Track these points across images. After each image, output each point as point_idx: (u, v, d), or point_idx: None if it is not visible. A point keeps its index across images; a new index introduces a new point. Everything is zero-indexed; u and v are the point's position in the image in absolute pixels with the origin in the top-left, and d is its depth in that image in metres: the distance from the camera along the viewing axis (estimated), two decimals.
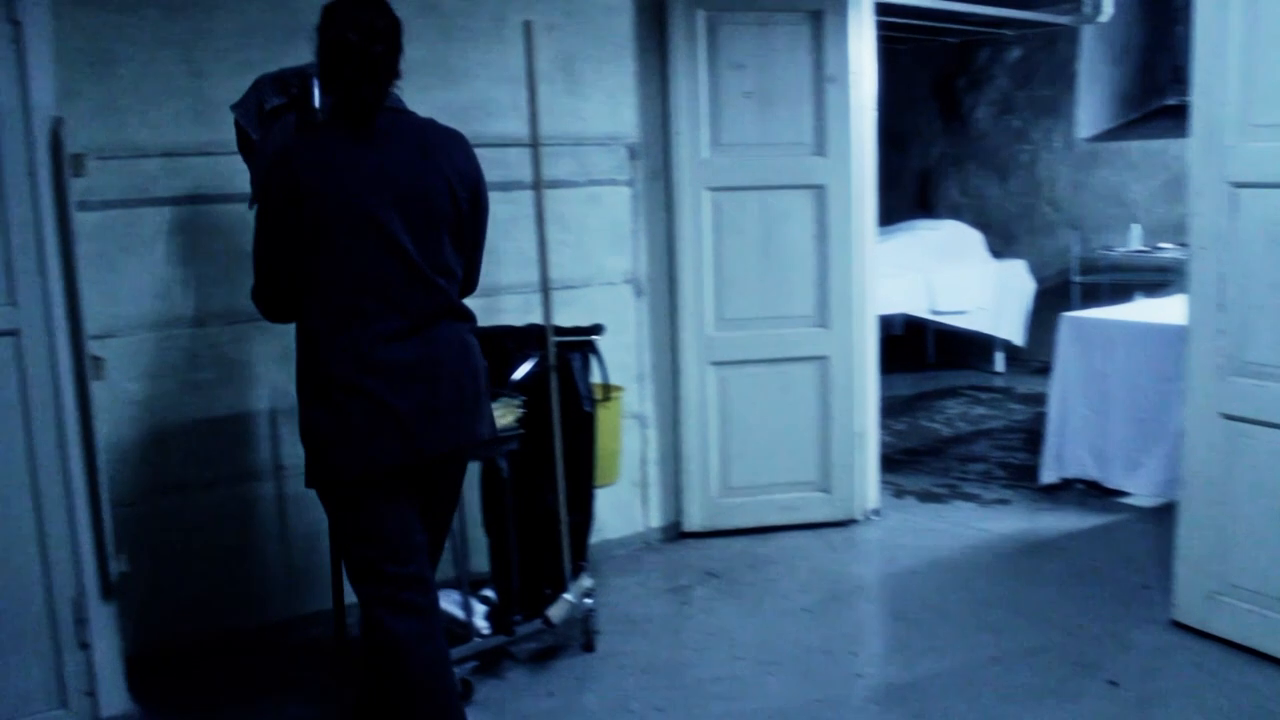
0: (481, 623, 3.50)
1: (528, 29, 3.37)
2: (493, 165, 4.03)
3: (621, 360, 4.55)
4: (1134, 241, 7.46)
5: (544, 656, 3.69)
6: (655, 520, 4.77)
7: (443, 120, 3.68)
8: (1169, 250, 7.21)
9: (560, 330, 3.65)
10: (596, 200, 4.41)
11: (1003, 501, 5.25)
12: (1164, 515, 4.86)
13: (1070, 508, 5.11)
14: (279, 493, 3.80)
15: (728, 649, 3.74)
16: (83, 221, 3.23)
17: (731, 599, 4.16)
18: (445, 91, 3.97)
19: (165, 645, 3.53)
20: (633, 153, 4.49)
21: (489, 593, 3.71)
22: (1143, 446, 5.14)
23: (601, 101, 4.36)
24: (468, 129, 3.97)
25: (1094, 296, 7.63)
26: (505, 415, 3.30)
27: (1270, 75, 3.39)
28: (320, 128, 2.76)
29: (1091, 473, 5.33)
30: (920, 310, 7.47)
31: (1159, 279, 7.37)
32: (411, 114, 2.72)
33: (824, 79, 4.58)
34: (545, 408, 3.52)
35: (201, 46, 3.10)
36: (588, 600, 3.70)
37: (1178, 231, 7.37)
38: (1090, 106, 7.91)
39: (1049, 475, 5.37)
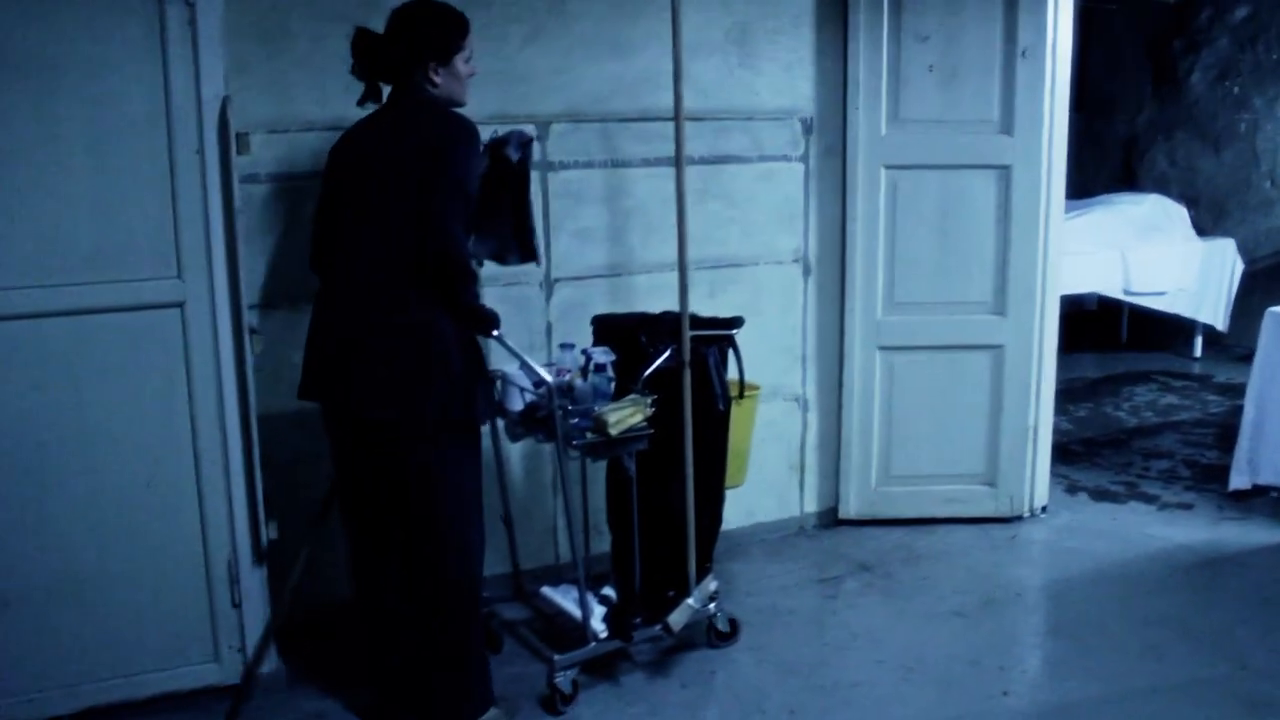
0: (599, 625, 3.43)
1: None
2: (659, 140, 4.00)
3: (786, 342, 4.45)
4: None
5: (671, 651, 3.63)
6: (811, 505, 4.67)
7: (610, 92, 3.58)
8: None
9: (697, 322, 3.50)
10: (768, 177, 4.28)
11: (1184, 506, 4.93)
12: None
13: (1259, 519, 4.76)
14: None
15: (871, 651, 3.64)
16: (250, 195, 3.31)
17: (882, 595, 4.05)
18: (614, 63, 3.89)
19: (312, 610, 3.62)
20: (807, 128, 4.33)
21: (609, 591, 3.63)
22: None
23: (776, 74, 4.21)
24: (637, 102, 3.97)
25: None
26: (635, 413, 3.24)
27: None
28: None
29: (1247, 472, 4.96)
30: (1114, 290, 7.06)
31: None
32: (422, 104, 2.96)
33: (1015, 52, 4.31)
34: (677, 404, 3.38)
35: (371, 21, 3.09)
36: (711, 605, 3.61)
37: None
38: None
39: (1239, 480, 5.00)
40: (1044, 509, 4.80)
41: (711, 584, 3.61)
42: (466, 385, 2.92)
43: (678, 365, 3.37)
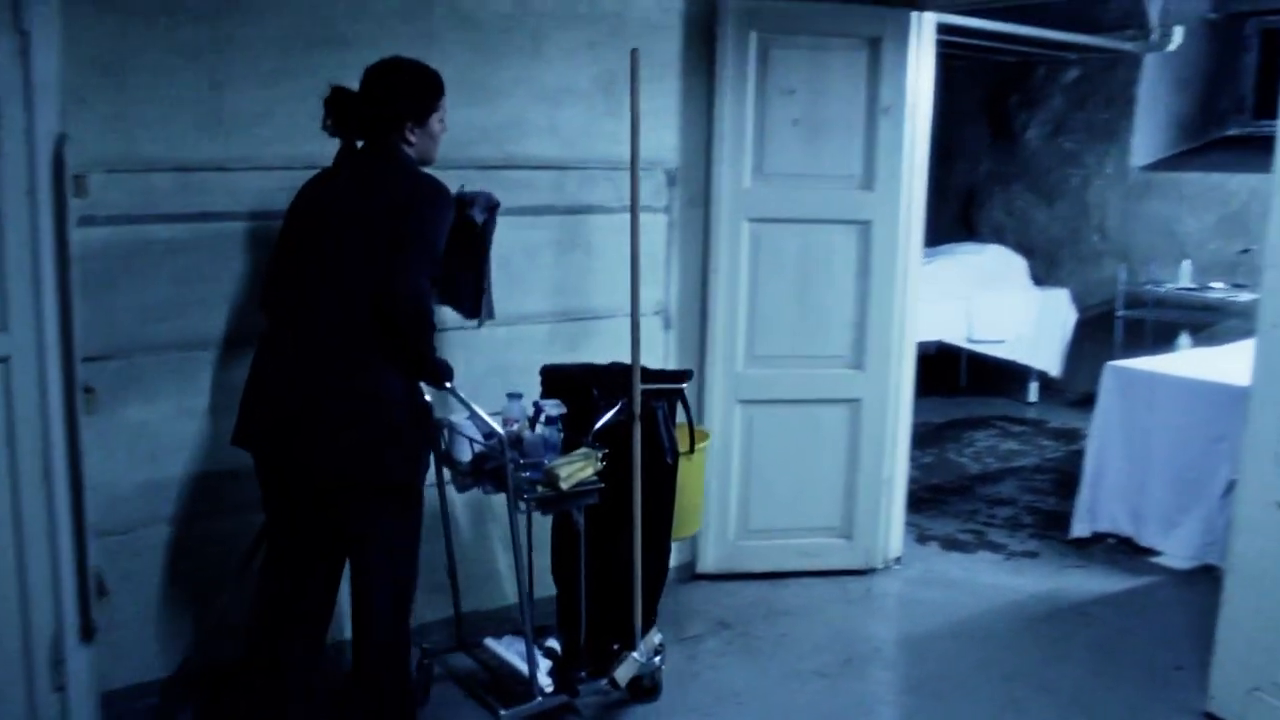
0: (545, 679, 3.39)
1: (634, 57, 3.25)
2: (523, 188, 3.89)
3: None
4: (1183, 278, 7.20)
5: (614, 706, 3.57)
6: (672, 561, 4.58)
7: (473, 139, 3.44)
8: (1220, 290, 6.95)
9: (647, 375, 3.51)
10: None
11: (1030, 554, 5.05)
12: (1198, 580, 4.72)
13: (1100, 565, 4.91)
14: None
15: (736, 714, 3.58)
16: (86, 238, 3.05)
17: (743, 654, 3.99)
18: (475, 109, 3.76)
19: (147, 679, 3.37)
20: (671, 179, 4.29)
21: (553, 643, 3.61)
22: (1182, 506, 4.93)
23: (643, 124, 4.14)
24: (501, 149, 3.84)
25: (1138, 333, 7.40)
26: (586, 467, 3.25)
27: None
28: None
29: (1125, 529, 5.13)
30: (957, 338, 7.25)
31: (1207, 319, 7.13)
32: (393, 162, 2.97)
33: (878, 109, 4.35)
34: (624, 457, 3.38)
35: (221, 56, 2.91)
36: (657, 658, 3.57)
37: (1230, 270, 7.13)
38: (1147, 133, 7.64)
39: (1080, 528, 5.16)
40: (898, 560, 4.84)
41: (656, 636, 3.57)
42: (415, 448, 2.98)
43: (628, 419, 3.38)
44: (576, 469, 3.21)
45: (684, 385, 3.65)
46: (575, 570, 3.45)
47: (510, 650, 3.59)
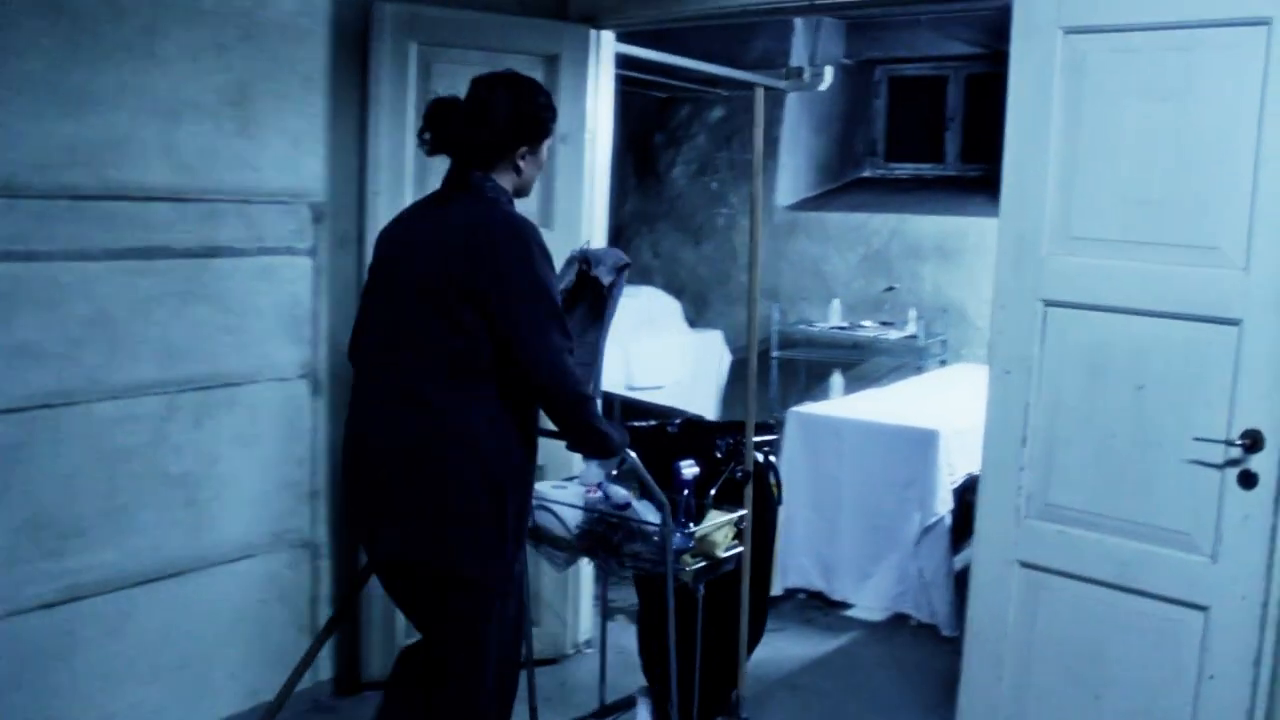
0: None
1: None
2: (128, 225, 3.04)
3: (290, 476, 3.61)
4: (834, 317, 7.18)
5: None
6: (327, 671, 3.81)
7: (61, 161, 2.73)
8: (870, 328, 6.98)
9: (723, 427, 3.55)
10: (269, 274, 3.44)
11: None
12: (896, 632, 4.58)
13: (796, 625, 4.66)
14: None
15: None
16: None
17: None
18: (65, 122, 2.89)
19: None
20: (318, 215, 3.55)
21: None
22: (874, 556, 4.74)
23: (282, 148, 3.40)
24: (97, 177, 2.97)
25: (792, 373, 7.32)
26: (730, 530, 3.13)
27: (1093, 183, 2.94)
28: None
29: (816, 583, 4.88)
30: (618, 386, 6.84)
31: (858, 357, 7.15)
32: (480, 202, 2.58)
33: (555, 135, 3.83)
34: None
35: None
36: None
37: (875, 308, 7.18)
38: (791, 173, 7.62)
39: (772, 587, 4.84)
40: (588, 643, 4.30)
41: None
42: (495, 535, 2.52)
43: (744, 476, 3.29)
44: (723, 534, 3.07)
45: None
46: (689, 645, 3.23)
47: None
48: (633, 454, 2.79)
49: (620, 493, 3.02)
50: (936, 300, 6.89)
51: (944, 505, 4.54)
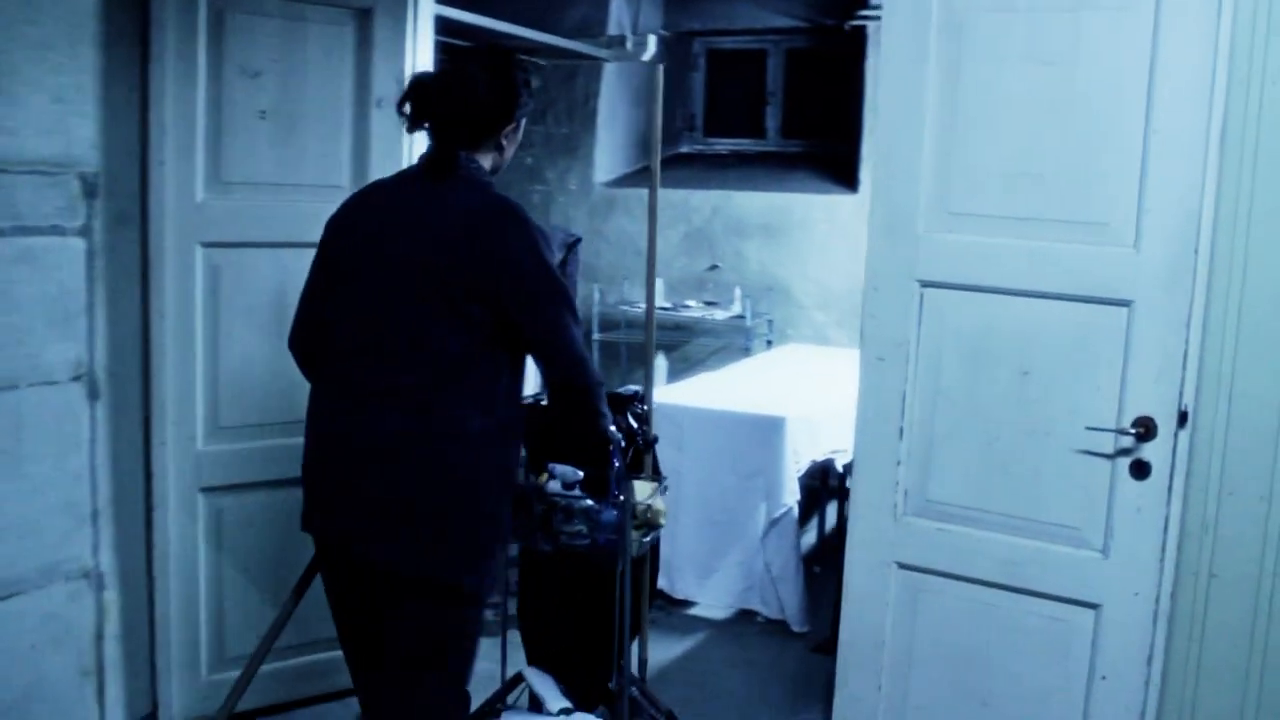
0: None
1: None
2: None
3: (65, 496, 3.07)
4: (658, 297, 6.92)
5: None
6: (118, 718, 3.30)
7: None
8: (694, 309, 6.75)
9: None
10: (30, 258, 2.88)
11: None
12: (742, 630, 4.41)
13: None
14: None
15: None
16: None
17: None
18: None
19: None
20: (90, 188, 3.01)
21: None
22: (716, 551, 4.53)
23: (42, 105, 2.84)
24: None
25: (613, 355, 7.04)
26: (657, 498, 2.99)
27: (973, 154, 2.72)
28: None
29: (658, 582, 4.60)
30: None
31: (681, 338, 6.93)
32: (474, 186, 2.43)
33: (369, 100, 3.40)
34: None
35: None
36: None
37: (699, 288, 6.96)
38: (608, 149, 7.32)
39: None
40: None
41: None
42: (481, 541, 2.42)
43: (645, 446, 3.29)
44: (661, 502, 2.99)
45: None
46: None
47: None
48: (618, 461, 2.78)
49: (571, 472, 2.84)
50: (762, 279, 6.72)
51: (791, 496, 4.34)
